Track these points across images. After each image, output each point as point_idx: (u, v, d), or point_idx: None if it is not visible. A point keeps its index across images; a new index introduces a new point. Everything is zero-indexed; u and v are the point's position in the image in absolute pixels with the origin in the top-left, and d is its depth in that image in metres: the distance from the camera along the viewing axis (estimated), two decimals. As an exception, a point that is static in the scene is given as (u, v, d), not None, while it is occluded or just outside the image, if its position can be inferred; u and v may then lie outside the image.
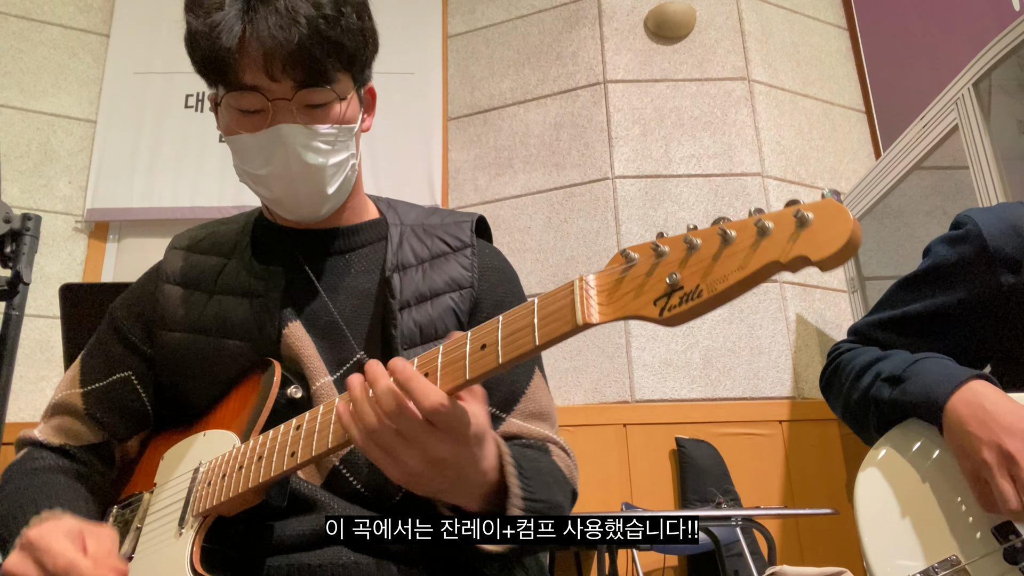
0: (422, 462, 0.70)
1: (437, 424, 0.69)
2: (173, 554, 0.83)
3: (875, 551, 0.97)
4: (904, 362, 1.07)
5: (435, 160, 3.80)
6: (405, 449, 0.70)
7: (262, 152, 0.91)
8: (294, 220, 0.99)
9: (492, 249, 1.05)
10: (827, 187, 0.60)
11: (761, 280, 0.54)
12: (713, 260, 0.55)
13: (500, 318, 0.68)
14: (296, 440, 0.79)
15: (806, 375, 3.26)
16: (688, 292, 0.56)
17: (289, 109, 0.89)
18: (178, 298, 1.00)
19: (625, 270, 0.60)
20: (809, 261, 0.51)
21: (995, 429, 0.93)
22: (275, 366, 0.91)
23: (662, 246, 0.59)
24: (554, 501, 0.82)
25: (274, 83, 0.88)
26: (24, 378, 3.25)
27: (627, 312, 0.59)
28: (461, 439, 0.71)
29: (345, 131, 0.94)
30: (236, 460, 0.84)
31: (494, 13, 4.02)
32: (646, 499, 3.03)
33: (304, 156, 0.90)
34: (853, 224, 0.50)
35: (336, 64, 0.90)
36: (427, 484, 0.72)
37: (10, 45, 3.72)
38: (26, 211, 1.41)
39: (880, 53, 3.88)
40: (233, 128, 0.92)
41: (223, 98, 0.92)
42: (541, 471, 0.84)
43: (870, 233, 3.29)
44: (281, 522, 0.86)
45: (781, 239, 0.53)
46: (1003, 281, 1.07)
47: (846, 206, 2.29)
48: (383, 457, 0.71)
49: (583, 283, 0.62)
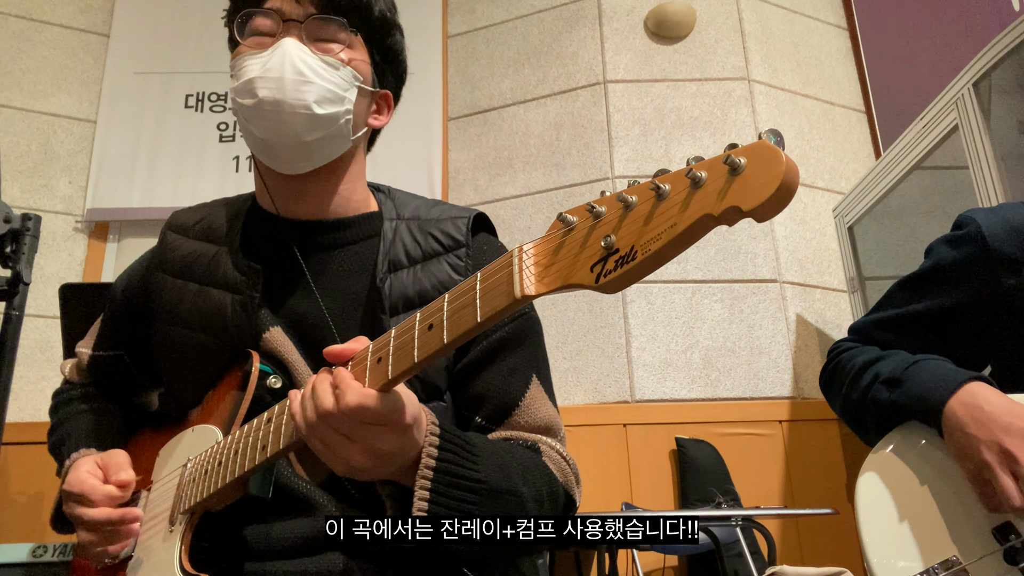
0: (366, 456, 0.70)
1: (368, 420, 0.68)
2: (164, 553, 0.83)
3: (876, 552, 0.97)
4: (902, 364, 1.06)
5: (435, 160, 3.79)
6: (347, 445, 0.69)
7: (261, 62, 0.91)
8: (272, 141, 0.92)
9: (491, 244, 1.00)
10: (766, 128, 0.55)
11: (697, 236, 0.49)
12: (647, 219, 0.51)
13: (446, 295, 0.64)
14: (267, 434, 0.78)
15: (806, 375, 3.26)
16: (623, 255, 0.52)
17: (299, 31, 0.93)
18: (166, 289, 1.00)
19: (564, 236, 0.56)
20: (741, 212, 0.46)
21: (994, 429, 0.93)
22: (254, 357, 0.90)
23: (598, 207, 0.54)
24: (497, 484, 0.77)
25: (295, 5, 0.93)
26: (24, 378, 3.25)
27: (564, 281, 0.55)
28: (400, 428, 0.70)
29: (345, 73, 0.94)
30: (216, 455, 0.84)
31: (494, 13, 4.02)
32: (646, 499, 3.03)
33: (299, 66, 0.91)
34: (785, 166, 0.45)
35: (357, 18, 0.95)
36: (374, 475, 0.72)
37: (10, 45, 3.72)
38: (26, 211, 1.41)
39: (880, 53, 3.88)
40: (241, 50, 0.95)
41: (244, 23, 0.95)
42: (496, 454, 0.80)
43: (870, 233, 3.29)
44: (277, 524, 0.86)
45: (713, 190, 0.48)
46: (1004, 282, 1.06)
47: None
48: (324, 451, 0.71)
49: (522, 253, 0.59)
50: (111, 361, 1.11)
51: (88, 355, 1.13)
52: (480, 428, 0.90)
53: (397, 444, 0.70)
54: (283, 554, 0.84)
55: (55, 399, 1.16)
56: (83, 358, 1.14)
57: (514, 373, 0.92)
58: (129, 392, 1.13)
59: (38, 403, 3.25)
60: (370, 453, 0.69)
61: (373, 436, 0.69)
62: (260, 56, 0.92)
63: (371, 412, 0.68)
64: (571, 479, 0.91)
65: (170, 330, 0.98)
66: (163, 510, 0.88)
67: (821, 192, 3.64)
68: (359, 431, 0.69)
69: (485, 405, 0.90)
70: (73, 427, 1.05)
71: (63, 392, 1.16)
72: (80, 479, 0.92)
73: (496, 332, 0.93)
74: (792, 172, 0.45)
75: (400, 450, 0.71)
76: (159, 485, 0.93)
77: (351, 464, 0.70)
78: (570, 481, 0.90)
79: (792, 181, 0.45)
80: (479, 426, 0.90)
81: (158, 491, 0.93)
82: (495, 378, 0.91)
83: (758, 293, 3.34)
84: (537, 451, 0.89)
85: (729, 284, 3.35)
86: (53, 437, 1.09)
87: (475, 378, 0.91)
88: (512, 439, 0.89)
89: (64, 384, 1.18)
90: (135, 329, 1.05)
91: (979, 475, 0.94)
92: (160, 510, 0.89)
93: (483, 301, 0.60)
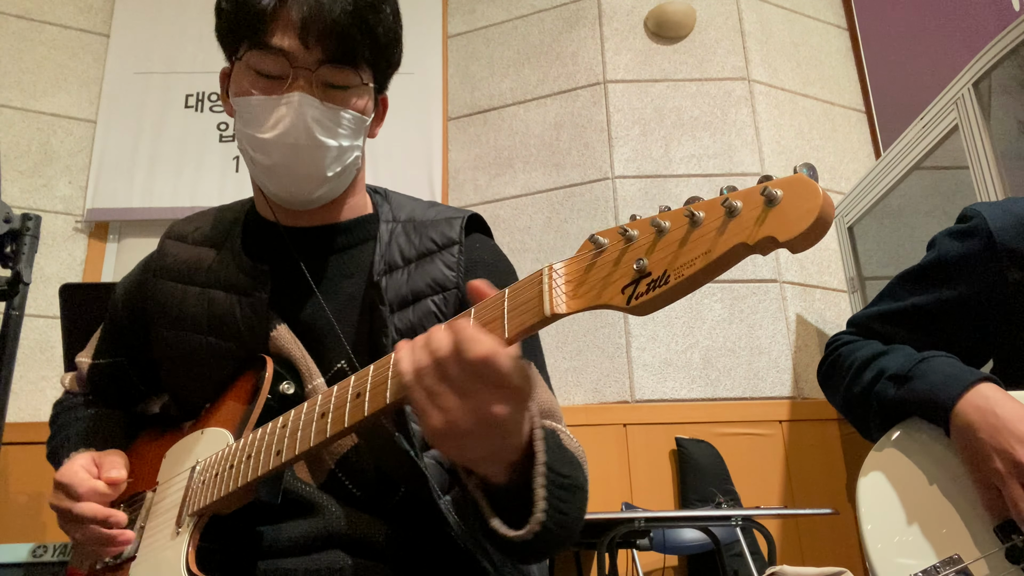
0: (473, 419, 0.61)
1: (491, 379, 0.60)
2: (170, 554, 0.83)
3: (877, 549, 0.97)
4: (910, 360, 1.05)
5: (435, 160, 3.79)
6: (456, 400, 0.61)
7: (272, 115, 0.88)
8: (283, 196, 0.94)
9: (484, 243, 1.00)
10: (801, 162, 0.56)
11: (730, 264, 0.51)
12: (681, 244, 0.52)
13: (472, 310, 0.64)
14: (281, 438, 0.78)
15: (806, 375, 3.26)
16: (656, 278, 0.53)
17: (310, 80, 0.88)
18: (168, 294, 1.00)
19: (595, 257, 0.57)
20: (777, 242, 0.48)
21: (1007, 437, 0.92)
22: (268, 363, 0.90)
23: (631, 230, 0.55)
24: (576, 480, 0.75)
25: (304, 51, 0.87)
26: (24, 378, 3.25)
27: (595, 301, 0.56)
28: (520, 400, 0.63)
29: (358, 121, 0.92)
30: (228, 459, 0.84)
31: (494, 13, 4.02)
32: (646, 499, 3.03)
33: (313, 129, 0.88)
34: (823, 200, 0.47)
35: (366, 52, 0.90)
36: (468, 447, 0.64)
37: (10, 45, 3.72)
38: (26, 211, 1.41)
39: (880, 53, 3.88)
40: (247, 89, 0.90)
41: (244, 56, 0.90)
42: (561, 446, 0.79)
43: (870, 233, 3.29)
44: (280, 525, 0.86)
45: (749, 220, 0.49)
46: (1009, 277, 1.05)
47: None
48: (426, 403, 0.62)
49: (552, 272, 0.59)
50: (111, 368, 1.10)
51: (88, 364, 1.12)
52: None
53: (512, 418, 0.62)
54: (286, 553, 0.85)
55: (55, 409, 1.15)
56: (83, 368, 1.13)
57: None
58: (129, 400, 1.13)
59: (38, 403, 3.25)
60: (479, 416, 0.61)
61: (491, 398, 0.61)
62: (270, 100, 0.88)
63: (499, 370, 0.60)
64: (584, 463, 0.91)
65: (173, 334, 0.98)
66: (169, 511, 0.88)
67: (821, 192, 3.64)
68: (477, 387, 0.61)
69: None
70: (72, 431, 1.05)
71: (63, 402, 1.15)
72: (72, 470, 0.91)
73: None
74: (828, 206, 0.47)
75: (513, 425, 0.63)
76: (165, 486, 0.93)
77: (454, 424, 0.61)
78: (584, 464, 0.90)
79: (828, 215, 0.47)
80: None
81: (164, 492, 0.92)
82: None
83: (758, 293, 3.34)
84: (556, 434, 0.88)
85: (729, 284, 3.35)
86: (52, 443, 1.08)
87: None
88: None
89: (65, 395, 1.18)
90: (136, 335, 1.05)
91: (986, 481, 0.93)
92: (166, 511, 0.89)
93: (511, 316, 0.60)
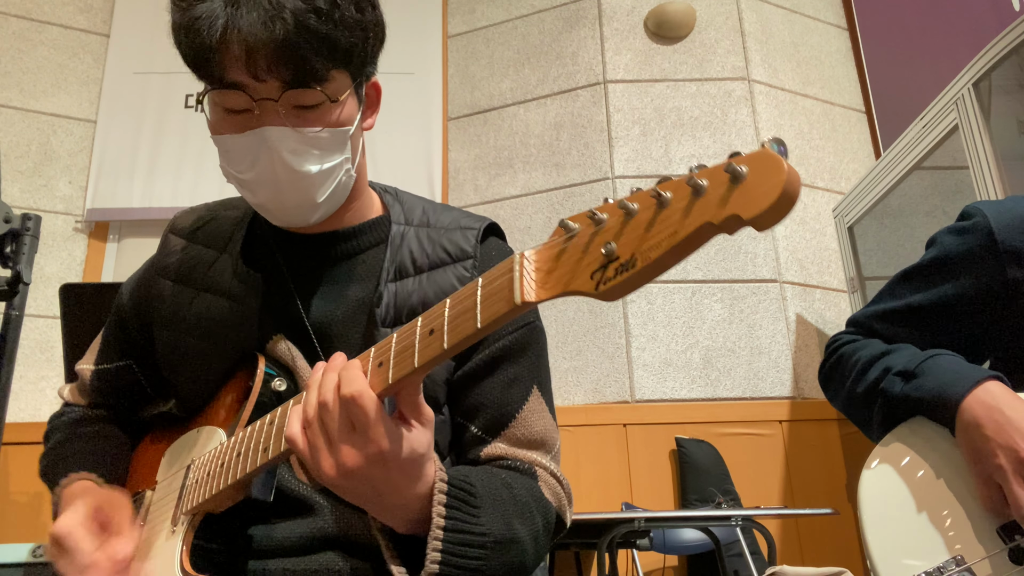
0: (335, 469, 0.67)
1: (355, 423, 0.66)
2: (165, 553, 0.83)
3: (879, 549, 0.97)
4: (916, 358, 1.04)
5: (435, 160, 3.79)
6: (327, 450, 0.67)
7: (247, 155, 0.84)
8: (282, 225, 0.93)
9: (500, 249, 0.98)
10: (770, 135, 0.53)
11: (697, 245, 0.49)
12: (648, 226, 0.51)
13: (448, 300, 0.64)
14: (268, 435, 0.78)
15: (806, 375, 3.26)
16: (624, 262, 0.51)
17: (276, 110, 0.82)
18: (169, 294, 0.99)
19: (565, 242, 0.56)
20: (742, 220, 0.46)
21: (1012, 434, 0.91)
22: (260, 361, 0.89)
23: (600, 214, 0.54)
24: (501, 534, 0.77)
25: (259, 82, 0.81)
26: (24, 378, 3.25)
27: (565, 288, 0.55)
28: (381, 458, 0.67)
29: (338, 134, 0.87)
30: (219, 457, 0.84)
31: (494, 13, 4.02)
32: (646, 499, 3.03)
33: (290, 161, 0.84)
34: (787, 175, 0.44)
35: (328, 63, 0.82)
36: (347, 494, 0.70)
37: (10, 45, 3.72)
38: (26, 211, 1.41)
39: (880, 53, 3.88)
40: (218, 127, 0.86)
41: (208, 93, 0.86)
42: (499, 500, 0.79)
43: (870, 233, 3.29)
44: (275, 525, 0.86)
45: (714, 198, 0.48)
46: (1009, 275, 1.04)
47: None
48: (307, 452, 0.69)
49: (523, 259, 0.58)
50: (117, 373, 1.06)
51: (91, 371, 1.07)
52: (475, 439, 0.89)
53: (360, 466, 0.67)
54: (282, 553, 0.85)
55: (51, 423, 1.09)
56: (85, 376, 1.08)
57: (514, 383, 0.91)
58: (137, 404, 1.09)
59: (38, 403, 3.25)
60: (339, 467, 0.67)
61: (349, 448, 0.67)
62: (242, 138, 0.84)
63: (363, 412, 0.65)
64: (564, 502, 0.90)
65: (169, 334, 0.98)
66: (166, 510, 0.88)
67: (821, 192, 3.65)
68: (343, 434, 0.67)
69: (481, 415, 0.89)
70: (68, 450, 1.00)
71: (60, 415, 1.09)
72: (72, 534, 0.82)
73: (499, 340, 0.91)
74: (793, 181, 0.45)
75: (366, 477, 0.68)
76: (163, 485, 0.93)
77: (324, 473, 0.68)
78: (563, 504, 0.90)
79: (793, 190, 0.45)
80: (474, 436, 0.89)
81: (162, 490, 0.93)
82: (494, 388, 0.90)
83: (758, 293, 3.34)
84: (533, 476, 0.88)
85: (729, 284, 3.35)
86: (45, 461, 1.02)
87: (475, 387, 0.90)
88: (508, 460, 0.88)
89: (63, 407, 1.11)
90: (143, 334, 1.03)
91: (988, 477, 0.93)
92: (163, 510, 0.89)
93: (484, 307, 0.60)
